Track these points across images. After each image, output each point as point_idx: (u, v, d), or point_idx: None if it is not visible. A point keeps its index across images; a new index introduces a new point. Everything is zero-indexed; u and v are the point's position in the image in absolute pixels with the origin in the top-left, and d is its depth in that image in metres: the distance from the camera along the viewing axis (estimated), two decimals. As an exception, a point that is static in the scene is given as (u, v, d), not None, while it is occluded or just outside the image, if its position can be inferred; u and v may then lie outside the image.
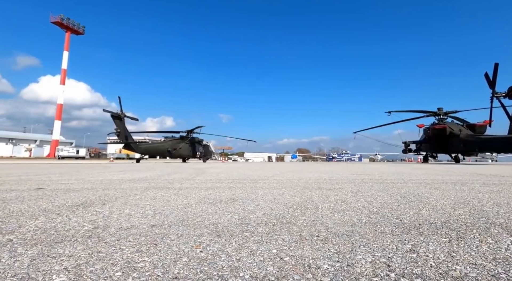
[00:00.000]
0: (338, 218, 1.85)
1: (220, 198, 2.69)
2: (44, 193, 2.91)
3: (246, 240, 1.32)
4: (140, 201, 2.48)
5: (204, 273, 0.95)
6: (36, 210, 2.00)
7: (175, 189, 3.41)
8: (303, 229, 1.54)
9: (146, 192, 3.08)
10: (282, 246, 1.24)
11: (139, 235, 1.40)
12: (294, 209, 2.15)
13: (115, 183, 4.09)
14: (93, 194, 2.91)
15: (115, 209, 2.07)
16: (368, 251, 1.18)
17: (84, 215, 1.86)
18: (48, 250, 1.16)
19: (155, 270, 0.97)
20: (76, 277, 0.90)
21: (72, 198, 2.59)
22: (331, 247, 1.23)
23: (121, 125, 24.63)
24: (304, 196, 2.89)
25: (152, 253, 1.13)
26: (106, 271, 0.96)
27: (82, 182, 4.20)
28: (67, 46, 52.62)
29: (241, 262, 1.05)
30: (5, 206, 2.13)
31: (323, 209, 2.18)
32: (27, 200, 2.44)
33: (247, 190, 3.43)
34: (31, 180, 4.45)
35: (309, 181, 4.84)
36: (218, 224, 1.66)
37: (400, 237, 1.39)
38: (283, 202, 2.48)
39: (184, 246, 1.23)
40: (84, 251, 1.15)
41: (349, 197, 2.87)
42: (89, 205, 2.25)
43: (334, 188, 3.70)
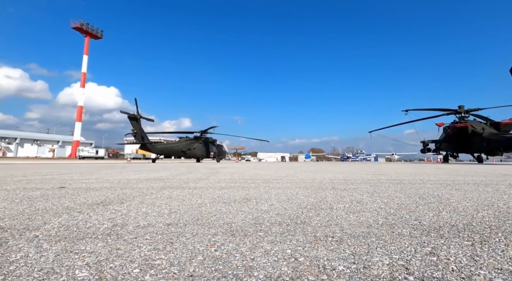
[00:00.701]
0: (353, 219, 1.82)
1: (234, 198, 2.71)
2: (66, 192, 3.04)
3: (260, 240, 1.33)
4: (156, 200, 2.54)
5: (219, 271, 0.96)
6: (59, 208, 2.09)
7: (189, 189, 3.47)
8: (318, 230, 1.52)
9: (161, 191, 3.15)
10: (297, 247, 1.23)
11: (155, 233, 1.44)
12: (308, 209, 2.13)
13: (132, 182, 4.22)
14: (112, 193, 3.01)
15: (133, 208, 2.13)
16: (385, 253, 1.15)
17: (104, 213, 1.93)
18: (71, 246, 1.21)
19: (171, 267, 0.99)
20: (97, 272, 0.94)
21: (92, 197, 2.69)
22: (347, 248, 1.21)
23: (137, 126, 25.31)
24: (318, 196, 2.86)
25: (168, 251, 1.16)
26: (125, 267, 0.99)
27: (101, 181, 4.35)
28: (86, 51, 54.70)
29: (255, 262, 1.05)
30: (31, 204, 2.25)
31: (338, 209, 2.15)
32: (51, 198, 2.55)
33: (261, 189, 3.44)
34: (54, 179, 4.66)
35: (323, 181, 4.78)
36: (232, 223, 1.67)
37: (419, 239, 1.35)
38: (297, 202, 2.46)
39: (199, 245, 1.25)
40: (104, 247, 1.20)
41: (365, 197, 2.81)
42: (108, 203, 2.33)
43: (349, 188, 3.64)
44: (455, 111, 27.11)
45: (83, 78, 53.97)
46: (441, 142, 29.83)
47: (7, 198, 2.56)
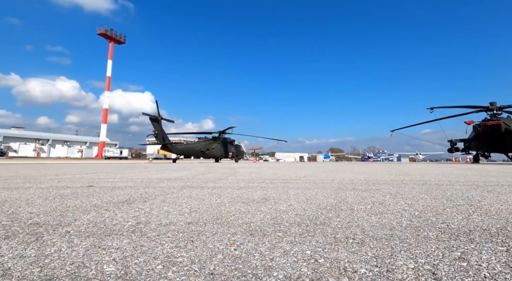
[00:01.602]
0: (375, 220, 1.76)
1: (252, 198, 2.72)
2: (94, 190, 3.20)
3: (279, 240, 1.32)
4: (177, 199, 2.61)
5: (238, 270, 0.97)
6: (88, 205, 2.21)
7: (209, 188, 3.53)
8: (338, 231, 1.50)
9: (182, 191, 3.23)
10: (316, 248, 1.22)
11: (177, 231, 1.48)
12: (328, 210, 2.09)
13: (154, 182, 4.36)
14: (135, 191, 3.13)
15: (155, 206, 2.20)
16: (410, 257, 1.11)
17: (128, 211, 2.01)
18: (99, 242, 1.28)
19: (192, 265, 1.02)
20: (123, 268, 0.98)
21: (118, 195, 2.81)
22: (369, 251, 1.18)
23: (158, 127, 26.13)
24: (338, 197, 2.80)
25: (189, 249, 1.19)
26: (148, 263, 1.02)
27: (126, 181, 4.54)
28: (110, 55, 57.28)
29: (275, 262, 1.05)
30: (63, 201, 2.39)
31: (359, 211, 2.09)
32: (80, 196, 2.70)
33: (279, 190, 3.43)
34: (83, 178, 4.93)
35: (343, 182, 4.68)
36: (251, 223, 1.68)
37: (447, 243, 1.28)
38: (316, 203, 2.43)
39: (219, 244, 1.27)
40: (129, 244, 1.25)
41: (387, 199, 2.72)
42: (132, 202, 2.42)
43: (370, 189, 3.53)
44: (486, 108, 25.42)
45: (107, 82, 56.57)
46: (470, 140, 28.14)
47: (42, 195, 2.74)
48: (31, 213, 1.90)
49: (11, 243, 1.23)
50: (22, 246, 1.19)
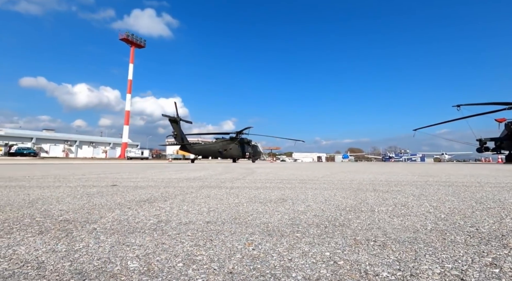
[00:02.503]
0: (397, 223, 1.70)
1: (270, 198, 2.72)
2: (117, 189, 3.34)
3: (297, 241, 1.31)
4: (196, 198, 2.66)
5: (257, 270, 0.98)
6: (112, 204, 2.31)
7: (226, 188, 3.57)
8: (358, 233, 1.46)
9: (200, 190, 3.30)
10: (336, 249, 1.19)
11: (196, 230, 1.51)
12: (347, 212, 2.05)
13: (174, 182, 4.47)
14: (156, 191, 3.23)
15: (175, 205, 2.26)
16: (435, 261, 1.06)
17: (150, 209, 2.08)
18: (123, 239, 1.33)
19: (211, 264, 1.03)
20: (146, 264, 1.02)
21: (140, 194, 2.91)
22: (391, 254, 1.14)
23: (177, 128, 26.77)
24: (358, 198, 2.73)
25: (208, 248, 1.21)
26: (170, 261, 1.05)
27: (147, 180, 4.69)
28: (132, 59, 59.42)
29: (293, 263, 1.04)
30: (89, 200, 2.52)
31: (380, 212, 2.03)
32: (105, 195, 2.83)
33: (297, 190, 3.40)
34: (107, 178, 5.15)
35: (362, 182, 4.55)
36: (269, 223, 1.68)
37: (476, 248, 1.21)
38: (335, 204, 2.39)
39: (237, 243, 1.28)
40: (151, 242, 1.29)
41: (410, 200, 2.61)
42: (153, 201, 2.50)
43: (392, 190, 3.41)
44: (520, 104, 23.72)
45: (129, 85, 58.75)
46: (502, 139, 26.40)
47: (70, 194, 2.90)
48: (61, 210, 2.02)
49: (44, 238, 1.32)
50: (54, 241, 1.27)
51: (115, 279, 0.89)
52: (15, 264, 1.00)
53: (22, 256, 1.08)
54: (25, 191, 3.03)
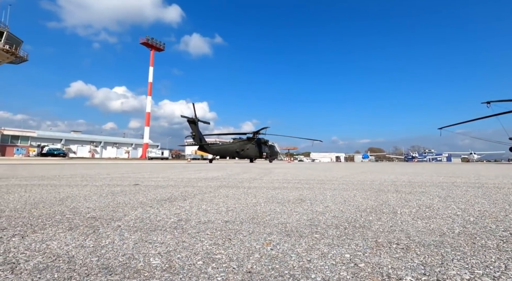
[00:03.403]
0: (422, 225, 1.63)
1: (287, 198, 2.71)
2: (140, 188, 3.47)
3: (316, 242, 1.30)
4: (214, 198, 2.70)
5: (275, 270, 0.97)
6: (135, 202, 2.40)
7: (244, 188, 3.59)
8: (379, 235, 1.42)
9: (219, 190, 3.34)
10: (356, 251, 1.17)
11: (215, 229, 1.53)
12: (368, 213, 1.99)
13: (193, 181, 4.57)
14: (176, 190, 3.32)
15: (194, 205, 2.31)
16: (464, 267, 1.01)
17: (170, 208, 2.14)
18: (146, 236, 1.38)
19: (230, 262, 1.05)
20: (167, 261, 1.05)
21: (160, 193, 3.00)
22: (415, 257, 1.09)
23: (195, 129, 27.27)
24: (379, 199, 2.65)
25: (227, 247, 1.23)
26: (190, 259, 1.08)
27: (167, 180, 4.83)
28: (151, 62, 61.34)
29: (312, 264, 1.03)
30: (114, 198, 2.63)
31: (403, 214, 1.96)
32: (128, 194, 2.95)
33: (315, 191, 3.35)
34: (130, 177, 5.36)
35: (384, 183, 4.41)
36: (287, 223, 1.67)
37: (510, 254, 1.14)
38: (355, 205, 2.33)
39: (256, 243, 1.28)
40: (172, 239, 1.33)
41: (436, 202, 2.49)
42: (173, 200, 2.57)
43: (415, 192, 3.28)
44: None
45: (149, 88, 60.66)
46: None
47: (96, 192, 3.04)
48: (89, 208, 2.12)
49: (74, 234, 1.39)
50: (82, 237, 1.34)
51: (139, 275, 0.93)
52: (49, 258, 1.07)
53: (54, 250, 1.15)
54: (56, 189, 3.22)
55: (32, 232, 1.43)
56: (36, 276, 0.91)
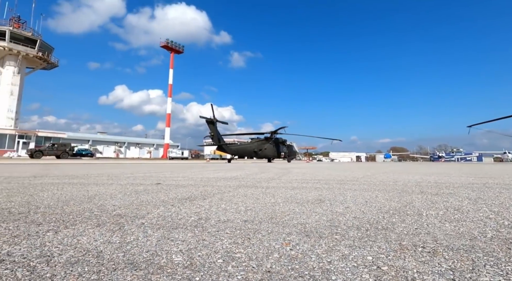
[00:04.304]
0: (450, 228, 1.55)
1: (306, 198, 2.68)
2: (161, 187, 3.58)
3: (337, 243, 1.27)
4: (233, 197, 2.73)
5: (295, 271, 0.97)
6: (157, 201, 2.48)
7: (262, 188, 3.59)
8: (404, 238, 1.36)
9: (237, 190, 3.37)
10: (379, 254, 1.13)
11: (234, 228, 1.55)
12: (391, 214, 1.93)
13: (212, 181, 4.64)
14: (196, 189, 3.39)
15: (214, 204, 2.35)
16: (498, 273, 0.94)
17: (191, 207, 2.19)
18: (168, 234, 1.42)
19: (250, 262, 1.05)
20: (188, 259, 1.08)
21: (181, 192, 3.08)
22: (443, 262, 1.04)
23: (214, 129, 27.68)
24: (403, 201, 2.55)
25: (246, 246, 1.24)
26: (210, 257, 1.10)
27: (187, 179, 4.94)
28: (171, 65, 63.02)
29: (333, 265, 1.02)
30: (137, 197, 2.74)
31: (429, 216, 1.87)
32: (151, 193, 3.05)
33: (335, 191, 3.29)
34: (152, 177, 5.55)
35: (408, 184, 4.23)
36: (306, 224, 1.65)
37: (550, 261, 1.05)
38: (377, 206, 2.26)
39: (275, 243, 1.28)
40: (192, 238, 1.36)
41: (465, 204, 2.36)
42: (193, 199, 2.63)
43: (442, 193, 3.12)
44: None
45: (169, 89, 62.39)
46: None
47: (121, 191, 3.18)
48: (114, 205, 2.23)
49: (101, 230, 1.47)
50: (109, 234, 1.41)
51: (162, 271, 0.96)
52: (79, 252, 1.13)
53: (84, 245, 1.22)
54: (85, 188, 3.41)
55: (64, 227, 1.52)
56: (68, 269, 0.97)
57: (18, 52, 38.35)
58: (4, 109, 38.53)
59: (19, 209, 2.03)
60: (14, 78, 39.06)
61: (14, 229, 1.48)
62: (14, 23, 39.21)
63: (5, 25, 38.33)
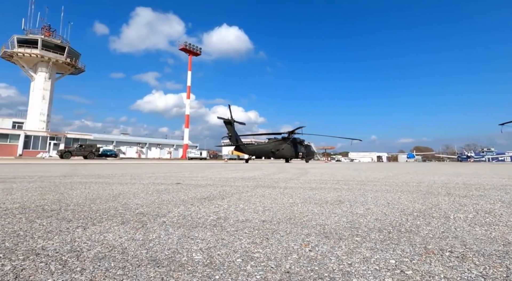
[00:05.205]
0: (481, 233, 1.46)
1: (325, 199, 2.64)
2: (181, 187, 3.67)
3: (357, 245, 1.24)
4: (251, 197, 2.75)
5: (315, 272, 0.96)
6: (177, 200, 2.54)
7: (280, 188, 3.58)
8: (429, 241, 1.31)
9: (255, 190, 3.38)
10: (402, 257, 1.09)
11: (252, 228, 1.56)
12: (415, 217, 1.85)
13: (230, 181, 4.69)
14: (214, 189, 3.44)
15: (232, 204, 2.37)
16: (535, 282, 0.88)
17: (210, 206, 2.23)
18: (188, 232, 1.46)
19: (268, 262, 1.05)
20: (208, 257, 1.10)
21: (200, 192, 3.14)
22: (473, 268, 0.99)
23: (232, 129, 27.94)
24: (428, 203, 2.44)
25: (265, 246, 1.24)
26: (229, 256, 1.11)
27: (206, 179, 5.03)
28: (190, 67, 64.41)
29: (353, 268, 0.99)
30: (159, 196, 2.83)
31: (457, 219, 1.77)
32: (171, 192, 3.14)
33: (355, 192, 3.21)
34: (172, 176, 5.70)
35: (433, 185, 4.04)
36: (325, 225, 1.63)
37: None
38: (400, 208, 2.18)
39: (293, 243, 1.27)
40: (212, 237, 1.38)
41: (498, 207, 2.22)
42: (212, 198, 2.67)
43: (471, 195, 2.95)
44: None
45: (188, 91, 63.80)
46: None
47: (144, 190, 3.30)
48: (137, 204, 2.31)
49: (126, 228, 1.53)
50: (133, 231, 1.47)
51: (183, 269, 0.98)
52: (106, 248, 1.19)
53: (110, 242, 1.28)
54: (110, 187, 3.57)
55: (92, 224, 1.60)
56: (96, 263, 1.02)
57: (49, 58, 40.92)
58: (37, 112, 41.27)
59: (52, 206, 2.17)
60: (46, 83, 41.70)
61: (48, 225, 1.58)
62: (45, 32, 41.92)
63: (37, 33, 41.07)
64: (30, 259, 1.06)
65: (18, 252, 1.13)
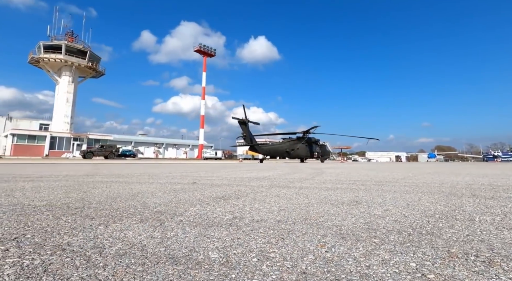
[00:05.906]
0: (509, 236, 1.39)
1: (341, 200, 2.59)
2: (197, 187, 3.73)
3: (375, 247, 1.21)
4: (266, 197, 2.75)
5: (331, 273, 0.95)
6: (194, 200, 2.59)
7: (295, 188, 3.56)
8: (453, 245, 1.25)
9: (270, 190, 3.38)
10: (423, 261, 1.05)
11: (268, 228, 1.56)
12: (437, 219, 1.78)
13: (245, 181, 4.71)
14: (230, 189, 3.47)
15: (247, 203, 2.38)
16: None
17: (225, 206, 2.25)
18: (204, 231, 1.48)
19: (284, 262, 1.05)
20: (224, 256, 1.11)
21: (216, 192, 3.18)
22: (501, 274, 0.94)
23: (246, 129, 28.04)
24: (451, 204, 2.34)
25: (280, 246, 1.24)
26: (245, 255, 1.12)
27: (221, 179, 5.08)
28: (204, 68, 65.39)
29: (371, 270, 0.97)
30: (176, 195, 2.89)
31: (483, 222, 1.69)
32: (187, 191, 3.20)
33: (372, 192, 3.13)
34: (188, 176, 5.80)
35: (456, 186, 3.87)
36: (342, 226, 1.60)
37: None
38: (420, 209, 2.10)
39: (309, 244, 1.26)
40: (227, 236, 1.40)
41: (528, 210, 2.09)
42: (227, 198, 2.70)
43: (499, 197, 2.80)
44: None
45: (203, 92, 64.75)
46: None
47: (161, 189, 3.39)
48: (155, 203, 2.38)
49: (144, 226, 1.58)
50: (151, 229, 1.51)
51: (200, 267, 1.00)
52: (126, 245, 1.23)
53: (130, 239, 1.33)
54: (129, 186, 3.69)
55: (113, 222, 1.66)
56: (118, 260, 1.06)
57: (72, 63, 42.91)
58: (61, 115, 43.40)
59: (76, 204, 2.27)
60: (69, 86, 43.75)
61: (72, 222, 1.66)
62: (69, 38, 43.98)
63: (61, 39, 43.17)
64: (57, 254, 1.12)
65: (46, 247, 1.19)
